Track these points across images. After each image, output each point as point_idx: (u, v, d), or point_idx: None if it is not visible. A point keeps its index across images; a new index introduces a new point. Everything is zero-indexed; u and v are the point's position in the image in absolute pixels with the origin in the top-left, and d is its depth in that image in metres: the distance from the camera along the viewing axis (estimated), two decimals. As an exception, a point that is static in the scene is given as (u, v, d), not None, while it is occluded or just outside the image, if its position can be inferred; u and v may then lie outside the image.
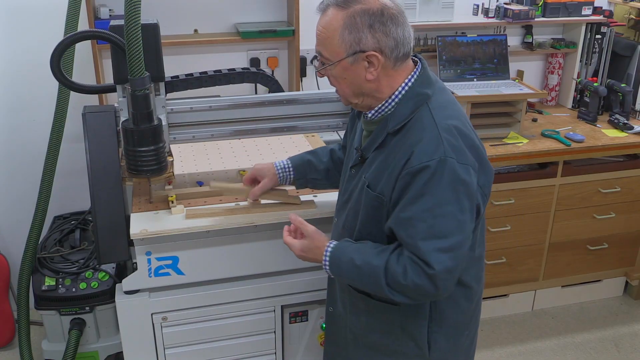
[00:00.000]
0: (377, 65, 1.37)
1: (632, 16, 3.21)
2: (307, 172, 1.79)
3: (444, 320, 1.52)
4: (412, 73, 1.43)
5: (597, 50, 3.18)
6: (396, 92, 1.42)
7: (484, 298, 1.71)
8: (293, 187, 1.86)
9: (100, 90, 2.11)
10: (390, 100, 1.43)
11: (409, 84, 1.42)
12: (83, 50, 2.53)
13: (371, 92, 1.42)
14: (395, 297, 1.38)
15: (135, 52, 1.56)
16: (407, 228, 1.34)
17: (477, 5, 3.09)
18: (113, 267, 2.43)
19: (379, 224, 1.44)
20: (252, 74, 2.07)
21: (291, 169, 1.79)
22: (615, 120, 2.98)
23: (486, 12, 3.06)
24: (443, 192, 1.31)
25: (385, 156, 1.42)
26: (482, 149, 1.45)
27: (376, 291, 1.42)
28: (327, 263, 1.48)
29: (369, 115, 1.47)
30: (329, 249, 1.48)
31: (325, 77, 1.47)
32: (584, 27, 3.13)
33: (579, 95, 3.24)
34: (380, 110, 1.45)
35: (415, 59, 1.47)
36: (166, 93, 1.87)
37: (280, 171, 1.79)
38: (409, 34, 1.39)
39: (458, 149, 1.34)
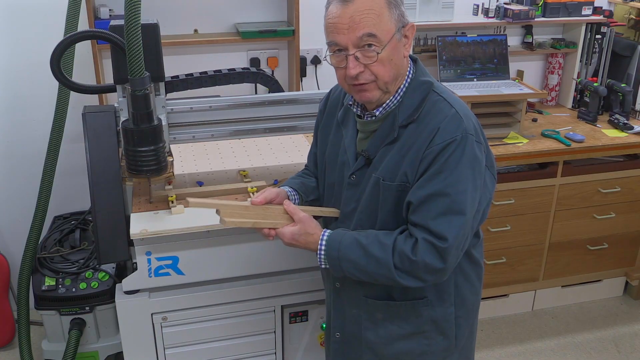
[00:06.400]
0: (411, 37, 1.39)
1: (632, 16, 3.20)
2: (306, 192, 1.66)
3: (464, 303, 1.54)
4: (409, 64, 1.45)
5: (597, 50, 3.17)
6: (401, 86, 1.43)
7: (483, 298, 1.72)
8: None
9: (100, 90, 2.12)
10: (396, 95, 1.43)
11: (410, 75, 1.44)
12: (83, 50, 2.53)
13: (403, 73, 1.42)
14: (401, 278, 1.37)
15: (135, 52, 1.56)
16: (426, 203, 1.34)
17: (477, 5, 3.09)
18: (113, 267, 2.43)
19: (402, 215, 1.42)
20: (252, 74, 2.07)
21: (294, 192, 1.63)
22: (615, 120, 2.98)
23: (486, 12, 3.06)
24: (463, 169, 1.33)
25: (399, 148, 1.41)
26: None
27: (379, 273, 1.38)
28: (322, 247, 1.43)
29: (377, 113, 1.45)
30: (327, 233, 1.44)
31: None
32: (584, 27, 3.13)
33: (579, 95, 3.24)
34: (387, 107, 1.44)
35: None
36: (166, 93, 1.87)
37: (289, 194, 1.61)
38: None
39: (474, 128, 1.38)
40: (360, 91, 1.41)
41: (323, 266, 1.46)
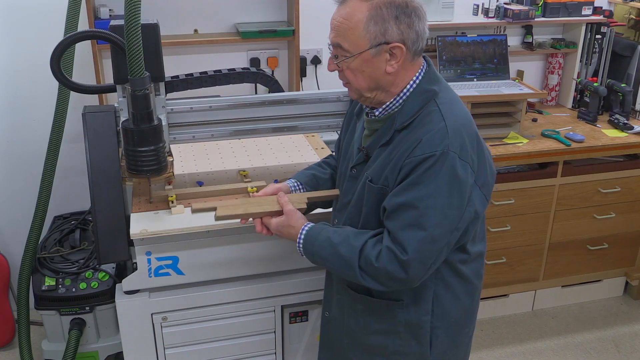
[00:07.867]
0: (400, 57, 1.37)
1: (632, 16, 3.21)
2: (316, 186, 1.72)
3: (446, 315, 1.53)
4: (420, 70, 1.44)
5: (597, 50, 3.18)
6: (404, 90, 1.43)
7: (484, 298, 1.72)
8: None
9: (100, 90, 2.11)
10: (398, 98, 1.43)
11: (417, 81, 1.44)
12: (83, 50, 2.53)
13: (387, 86, 1.42)
14: (366, 281, 1.40)
15: (135, 52, 1.56)
16: (396, 212, 1.36)
17: (477, 5, 3.09)
18: (113, 267, 2.43)
19: (380, 217, 1.45)
20: (252, 74, 2.07)
21: (301, 185, 1.71)
22: (615, 120, 2.98)
23: (486, 12, 3.06)
24: (438, 185, 1.33)
25: (390, 152, 1.42)
26: (486, 149, 1.46)
27: (346, 273, 1.43)
28: (301, 241, 1.50)
29: (377, 113, 1.47)
30: (306, 228, 1.50)
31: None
32: (584, 27, 3.13)
33: (579, 95, 3.24)
34: (387, 108, 1.45)
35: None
36: (166, 93, 1.87)
37: (292, 189, 1.69)
38: (427, 28, 1.41)
39: (462, 145, 1.36)
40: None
41: (302, 256, 1.52)
